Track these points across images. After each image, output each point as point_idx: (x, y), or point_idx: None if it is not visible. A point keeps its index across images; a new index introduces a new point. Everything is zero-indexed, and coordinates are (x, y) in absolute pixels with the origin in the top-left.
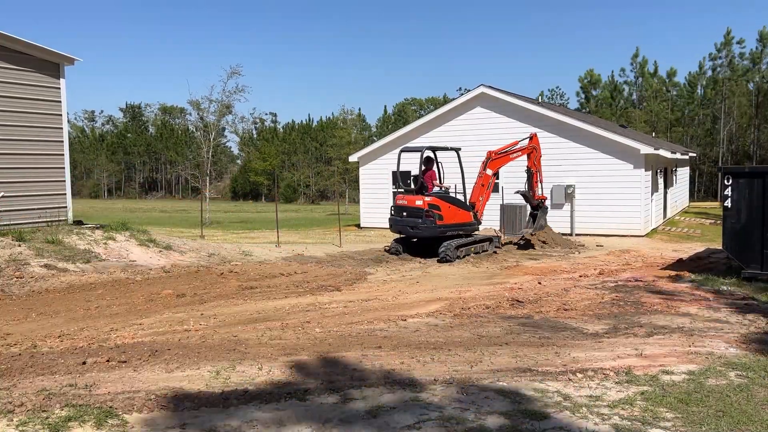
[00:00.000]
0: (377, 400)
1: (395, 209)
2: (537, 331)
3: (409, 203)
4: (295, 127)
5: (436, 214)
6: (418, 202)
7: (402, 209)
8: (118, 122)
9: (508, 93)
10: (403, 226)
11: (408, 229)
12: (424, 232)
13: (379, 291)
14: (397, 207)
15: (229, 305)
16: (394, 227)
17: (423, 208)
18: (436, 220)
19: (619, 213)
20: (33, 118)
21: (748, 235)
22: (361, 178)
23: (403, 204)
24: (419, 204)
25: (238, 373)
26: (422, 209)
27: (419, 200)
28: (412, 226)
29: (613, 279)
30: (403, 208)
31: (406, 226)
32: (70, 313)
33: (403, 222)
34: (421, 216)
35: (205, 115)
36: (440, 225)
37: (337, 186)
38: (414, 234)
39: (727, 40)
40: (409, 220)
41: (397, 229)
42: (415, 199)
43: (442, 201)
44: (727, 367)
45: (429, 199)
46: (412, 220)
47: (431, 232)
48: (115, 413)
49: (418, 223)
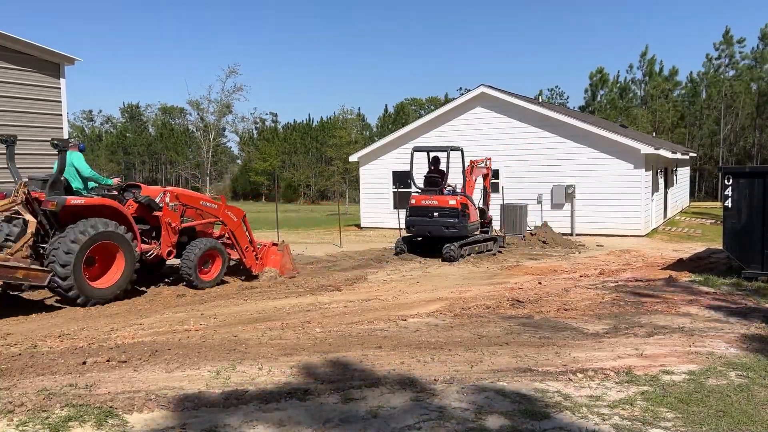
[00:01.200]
0: (378, 400)
1: (417, 209)
2: (537, 331)
3: (440, 203)
4: (295, 127)
5: (468, 213)
6: (452, 202)
7: (429, 210)
8: (117, 122)
9: (509, 93)
10: (435, 226)
11: (442, 230)
12: (461, 231)
13: (380, 291)
14: (421, 207)
15: (229, 305)
16: (416, 228)
17: (457, 208)
18: (468, 219)
19: (619, 213)
20: (33, 118)
21: (749, 235)
22: (362, 178)
23: (432, 204)
24: (453, 204)
25: (238, 373)
26: (457, 209)
27: (452, 200)
28: (446, 226)
29: (614, 279)
30: (434, 208)
31: (440, 226)
32: (70, 313)
33: (433, 222)
34: (457, 216)
35: (204, 114)
36: (470, 224)
37: (338, 186)
38: (449, 234)
39: (726, 39)
40: (442, 221)
41: (426, 230)
42: (447, 199)
43: (468, 201)
44: (728, 367)
45: (460, 198)
46: (444, 220)
47: (466, 231)
48: (115, 413)
49: (455, 223)
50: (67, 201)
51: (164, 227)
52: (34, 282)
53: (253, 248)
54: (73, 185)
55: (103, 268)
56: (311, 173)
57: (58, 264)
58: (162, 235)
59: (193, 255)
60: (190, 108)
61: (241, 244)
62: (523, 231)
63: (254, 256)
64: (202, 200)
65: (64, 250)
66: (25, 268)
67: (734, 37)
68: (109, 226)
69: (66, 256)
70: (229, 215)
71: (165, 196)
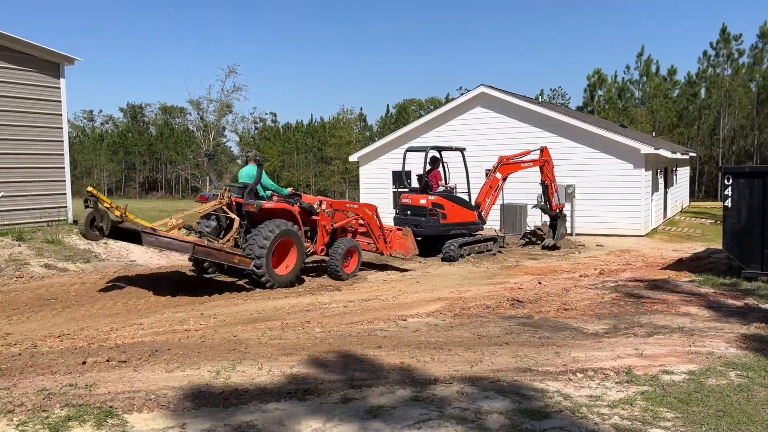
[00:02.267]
0: (377, 400)
1: (400, 208)
2: (537, 331)
3: (413, 202)
4: (296, 127)
5: (440, 213)
6: (422, 201)
7: (406, 208)
8: (119, 122)
9: (509, 93)
10: (410, 224)
11: (412, 228)
12: (428, 230)
13: (379, 291)
14: (401, 206)
15: (229, 305)
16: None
17: (427, 207)
18: (440, 219)
19: (619, 213)
20: (33, 118)
21: (749, 235)
22: (362, 178)
23: (407, 203)
24: (423, 203)
25: (238, 372)
26: (426, 208)
27: (423, 199)
28: (416, 225)
29: (614, 279)
30: (408, 207)
31: (413, 224)
32: (70, 313)
33: (407, 221)
34: (425, 215)
35: (204, 114)
36: (444, 224)
37: (337, 186)
38: (418, 232)
39: (723, 37)
40: (413, 219)
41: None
42: (419, 198)
43: (445, 200)
44: (728, 366)
45: (433, 198)
46: (415, 219)
47: (434, 230)
48: (115, 413)
49: (422, 222)
50: (263, 204)
51: (320, 229)
52: (241, 266)
53: (382, 234)
54: (260, 192)
55: (280, 259)
56: (311, 173)
57: (254, 254)
58: (318, 235)
59: (339, 252)
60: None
61: (375, 232)
62: (523, 230)
63: (383, 240)
64: (347, 203)
65: (260, 244)
66: (239, 254)
67: (731, 34)
68: (288, 225)
69: (260, 249)
70: (366, 211)
71: (321, 204)
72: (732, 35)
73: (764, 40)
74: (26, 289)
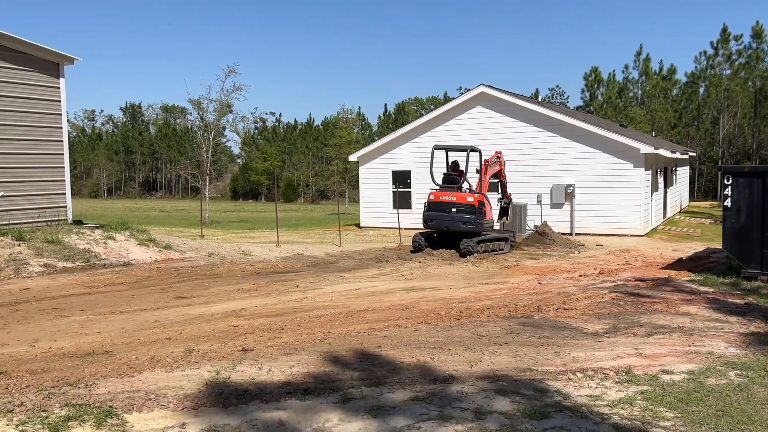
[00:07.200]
0: (377, 400)
1: (435, 205)
2: (537, 331)
3: (458, 200)
4: (296, 127)
5: (484, 211)
6: (470, 199)
7: (449, 205)
8: (119, 122)
9: (508, 92)
10: (452, 222)
11: (459, 225)
12: (477, 227)
13: (379, 290)
14: (438, 203)
15: (226, 304)
16: (434, 223)
17: (474, 205)
18: (485, 216)
19: (618, 212)
20: (33, 118)
21: (748, 234)
22: (361, 178)
23: (450, 200)
24: (470, 200)
25: (238, 372)
26: (474, 205)
27: (470, 197)
28: (463, 222)
29: (613, 278)
30: (451, 204)
31: (457, 221)
32: (70, 313)
33: (451, 219)
34: (474, 212)
35: (205, 114)
36: (487, 221)
37: (337, 186)
38: (465, 229)
39: (724, 37)
40: (458, 216)
41: (443, 224)
42: (465, 195)
43: (485, 199)
44: (727, 366)
45: (478, 195)
46: (461, 216)
47: (480, 227)
48: (115, 413)
49: (471, 219)
50: None
51: None
52: None
53: None
54: None
55: None
56: (311, 173)
57: None
58: None
59: None
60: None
61: None
62: (523, 230)
63: None
64: None
65: None
66: None
67: (731, 34)
68: None
69: None
70: None
71: None
72: (732, 35)
73: (758, 40)
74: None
